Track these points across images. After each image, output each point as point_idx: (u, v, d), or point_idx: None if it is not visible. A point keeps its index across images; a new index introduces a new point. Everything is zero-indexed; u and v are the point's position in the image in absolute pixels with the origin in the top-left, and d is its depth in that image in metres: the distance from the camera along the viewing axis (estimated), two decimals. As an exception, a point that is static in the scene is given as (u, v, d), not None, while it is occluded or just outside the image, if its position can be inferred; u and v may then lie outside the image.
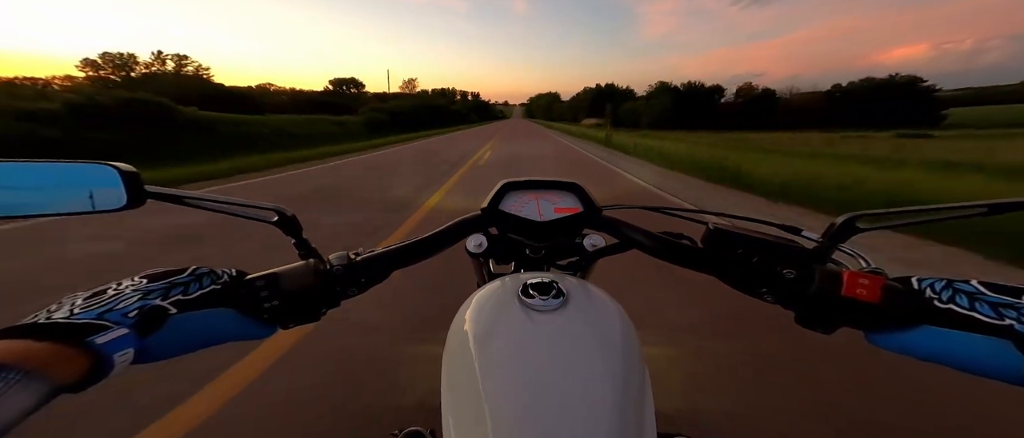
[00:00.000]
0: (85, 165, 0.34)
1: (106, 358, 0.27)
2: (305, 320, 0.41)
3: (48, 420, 1.34)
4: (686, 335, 1.87)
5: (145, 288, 0.32)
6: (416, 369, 1.59)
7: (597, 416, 0.29)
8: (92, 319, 0.28)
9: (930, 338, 0.32)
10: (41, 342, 0.24)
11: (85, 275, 2.65)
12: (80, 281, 1.19)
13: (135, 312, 0.30)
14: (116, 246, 3.18)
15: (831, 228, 0.40)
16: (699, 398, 1.46)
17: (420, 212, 4.49)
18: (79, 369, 0.26)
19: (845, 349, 1.60)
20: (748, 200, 5.52)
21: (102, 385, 0.27)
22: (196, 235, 3.46)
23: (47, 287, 2.44)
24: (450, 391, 0.35)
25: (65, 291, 0.32)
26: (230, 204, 0.41)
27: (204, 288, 0.35)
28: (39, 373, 0.22)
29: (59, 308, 0.29)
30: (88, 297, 0.30)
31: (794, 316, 0.40)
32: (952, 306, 0.32)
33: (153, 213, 1.13)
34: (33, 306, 0.29)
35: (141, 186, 0.35)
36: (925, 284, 0.34)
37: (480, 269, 0.58)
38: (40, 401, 0.22)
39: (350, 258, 0.44)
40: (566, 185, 0.54)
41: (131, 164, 0.35)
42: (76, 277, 2.62)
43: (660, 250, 0.47)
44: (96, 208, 0.34)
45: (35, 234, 3.48)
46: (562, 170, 8.65)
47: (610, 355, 0.34)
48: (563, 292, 0.38)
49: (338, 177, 7.71)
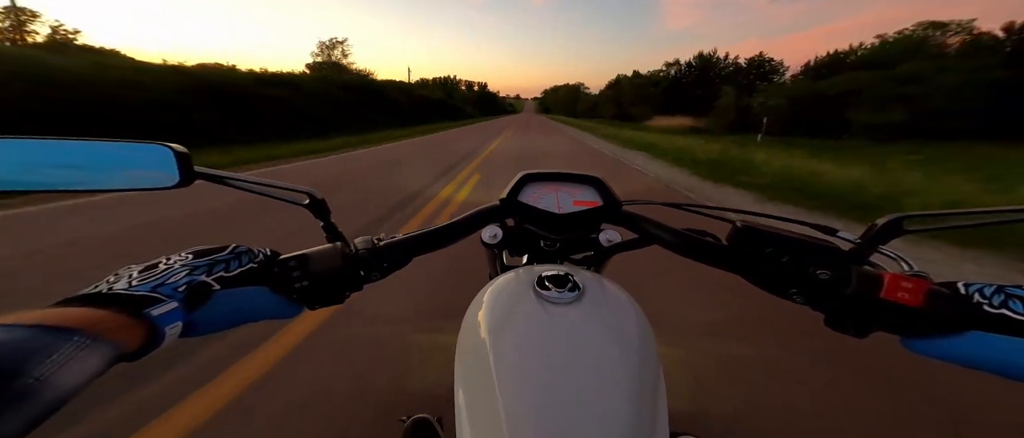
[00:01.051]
0: (142, 145, 0.36)
1: (160, 330, 0.28)
2: (330, 302, 0.42)
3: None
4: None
5: (192, 264, 0.34)
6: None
7: (611, 411, 0.29)
8: (148, 292, 0.29)
9: (980, 344, 0.31)
10: (105, 311, 0.26)
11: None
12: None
13: (184, 287, 0.31)
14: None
15: (872, 229, 0.39)
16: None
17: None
18: (138, 338, 0.27)
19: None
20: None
21: (153, 355, 0.29)
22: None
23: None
24: (464, 380, 0.35)
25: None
26: (267, 185, 0.42)
27: (243, 266, 0.37)
28: (105, 339, 0.24)
29: (118, 279, 0.30)
30: (142, 270, 0.32)
31: (824, 318, 0.39)
32: (1006, 311, 0.30)
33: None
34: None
35: (192, 166, 0.37)
36: (973, 289, 0.33)
37: (494, 260, 0.58)
38: (105, 366, 0.23)
39: (374, 243, 0.45)
40: (587, 178, 0.53)
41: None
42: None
43: (681, 246, 0.47)
44: (151, 185, 0.37)
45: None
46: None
47: (625, 350, 0.34)
48: (579, 285, 0.38)
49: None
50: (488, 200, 0.53)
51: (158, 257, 0.35)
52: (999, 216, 0.36)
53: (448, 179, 6.23)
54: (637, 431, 0.28)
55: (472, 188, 5.56)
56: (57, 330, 0.21)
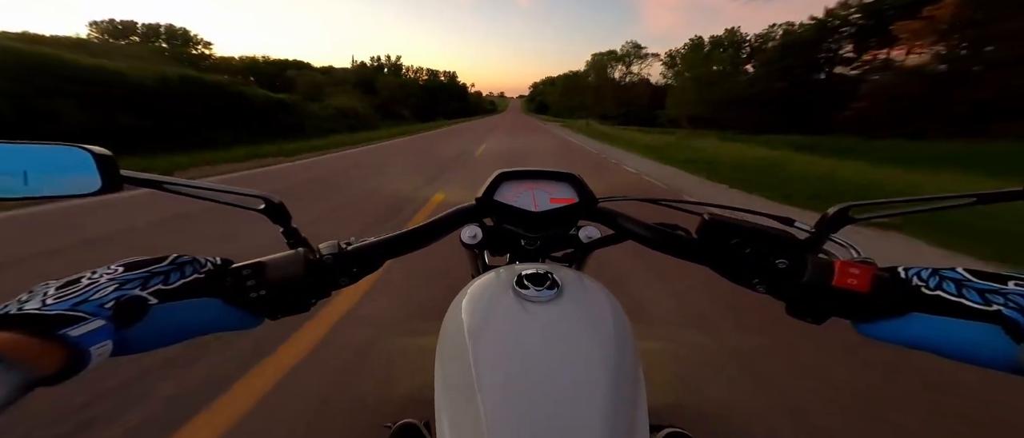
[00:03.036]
0: (57, 147, 0.32)
1: (82, 351, 0.26)
2: (294, 311, 0.40)
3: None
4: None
5: (122, 278, 0.31)
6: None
7: (590, 407, 0.29)
8: (65, 310, 0.27)
9: (919, 326, 0.33)
10: (13, 333, 0.24)
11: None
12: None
13: (111, 303, 0.29)
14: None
15: (824, 218, 0.40)
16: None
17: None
18: (55, 361, 0.25)
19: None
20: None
21: (80, 377, 0.26)
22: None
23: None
24: (444, 383, 0.34)
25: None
26: (213, 190, 0.39)
27: (186, 277, 0.34)
28: (13, 365, 0.22)
29: (31, 298, 0.28)
30: (61, 286, 0.29)
31: (785, 307, 0.41)
32: (940, 293, 0.32)
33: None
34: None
35: (117, 171, 0.33)
36: (912, 273, 0.35)
37: (475, 260, 0.57)
38: (16, 393, 0.22)
39: (341, 247, 0.43)
40: (562, 175, 0.53)
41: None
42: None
43: (655, 241, 0.48)
44: (70, 192, 0.33)
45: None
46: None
47: (604, 347, 0.34)
48: (558, 283, 0.38)
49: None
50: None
51: (82, 272, 0.31)
52: (937, 203, 0.39)
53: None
54: (616, 426, 0.28)
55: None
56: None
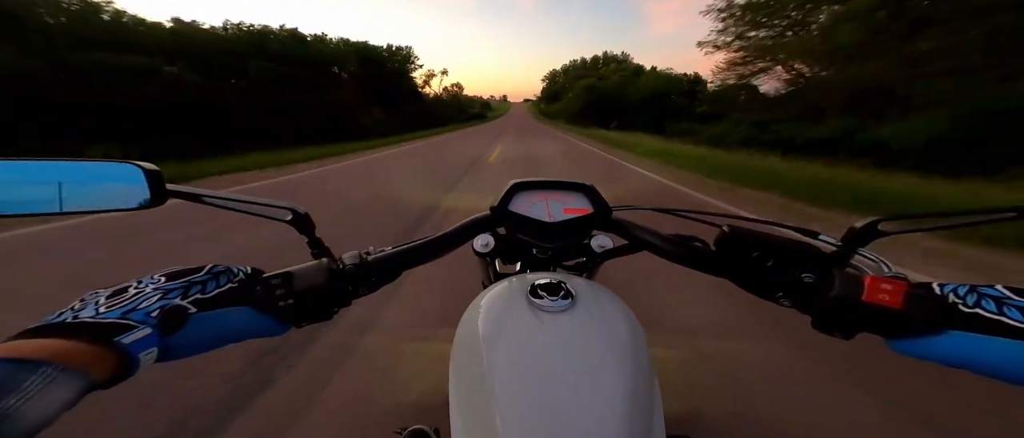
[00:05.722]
0: (110, 164, 0.35)
1: (132, 357, 0.27)
2: (318, 319, 0.41)
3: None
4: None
5: (165, 287, 0.33)
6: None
7: (606, 418, 0.29)
8: (117, 319, 0.28)
9: (956, 344, 0.32)
10: (72, 340, 0.25)
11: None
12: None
13: (156, 312, 0.30)
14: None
15: (851, 231, 0.39)
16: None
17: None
18: (109, 367, 0.26)
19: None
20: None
21: (129, 383, 0.28)
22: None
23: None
24: (459, 390, 0.35)
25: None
26: (246, 202, 0.41)
27: (221, 286, 0.36)
28: (73, 370, 0.23)
29: (84, 307, 0.29)
30: (110, 295, 0.31)
31: (811, 321, 0.40)
32: (979, 311, 0.31)
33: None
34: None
35: (164, 185, 0.35)
36: (948, 290, 0.33)
37: (486, 268, 0.57)
38: (76, 396, 0.23)
39: (362, 257, 0.44)
40: (577, 186, 0.53)
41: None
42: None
43: (671, 252, 0.47)
44: (121, 206, 0.35)
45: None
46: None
47: (619, 357, 0.34)
48: (571, 293, 0.38)
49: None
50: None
51: (128, 281, 0.33)
52: (973, 217, 0.37)
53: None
54: (632, 435, 0.28)
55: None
56: (23, 362, 0.21)
